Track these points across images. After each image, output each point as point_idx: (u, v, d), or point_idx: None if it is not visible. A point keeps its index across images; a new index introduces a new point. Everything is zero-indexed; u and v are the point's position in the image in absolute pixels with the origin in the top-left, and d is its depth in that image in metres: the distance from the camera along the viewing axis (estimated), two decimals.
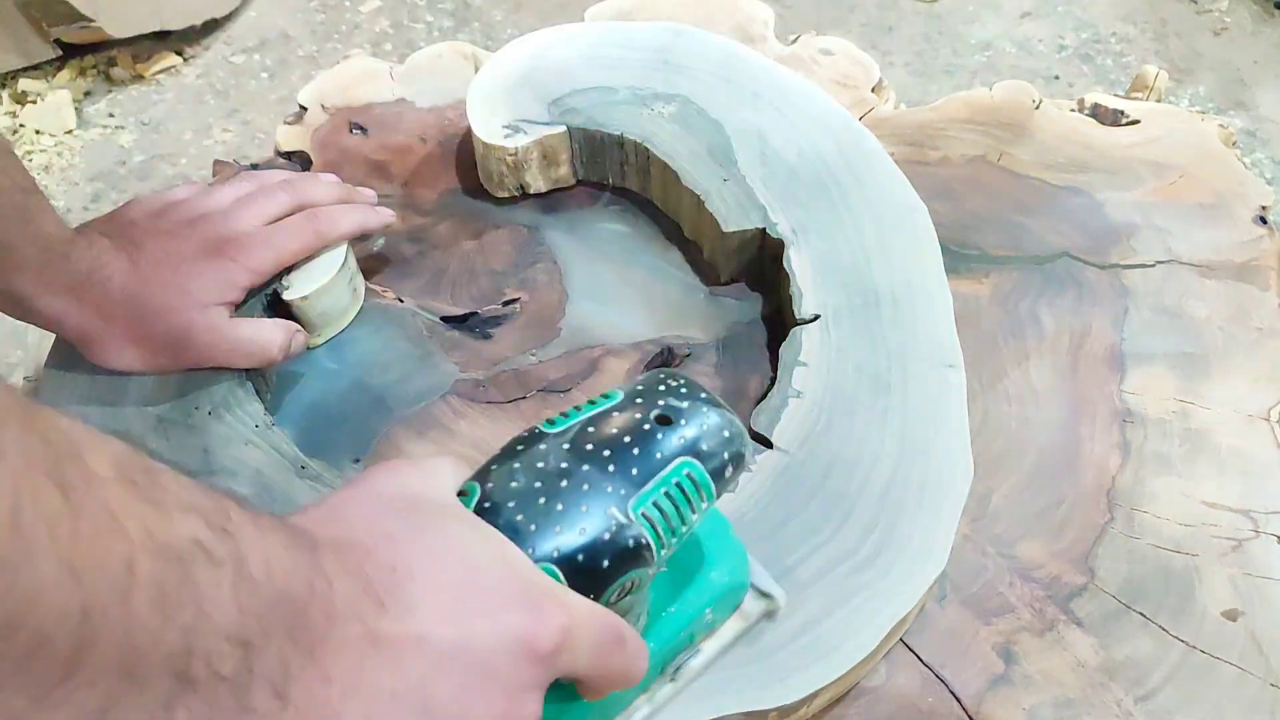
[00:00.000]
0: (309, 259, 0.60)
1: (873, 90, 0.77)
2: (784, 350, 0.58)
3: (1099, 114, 0.76)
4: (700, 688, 0.46)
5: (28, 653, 0.21)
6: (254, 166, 0.74)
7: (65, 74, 1.71)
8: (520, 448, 0.37)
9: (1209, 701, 0.48)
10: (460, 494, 0.36)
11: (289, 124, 0.76)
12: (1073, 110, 0.76)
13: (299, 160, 0.74)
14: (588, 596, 0.35)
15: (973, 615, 0.51)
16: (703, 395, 0.39)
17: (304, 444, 0.58)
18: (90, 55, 1.74)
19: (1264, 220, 0.68)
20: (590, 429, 0.37)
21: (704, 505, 0.38)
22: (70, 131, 1.65)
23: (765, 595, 0.47)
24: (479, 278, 0.67)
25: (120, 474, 0.24)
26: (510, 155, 0.68)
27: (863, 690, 0.49)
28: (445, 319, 0.64)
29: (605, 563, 0.35)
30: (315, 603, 0.28)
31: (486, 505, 0.35)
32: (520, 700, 0.32)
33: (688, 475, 0.37)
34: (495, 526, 0.34)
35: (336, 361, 0.62)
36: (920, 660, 0.50)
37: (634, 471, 0.36)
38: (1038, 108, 0.75)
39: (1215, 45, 1.74)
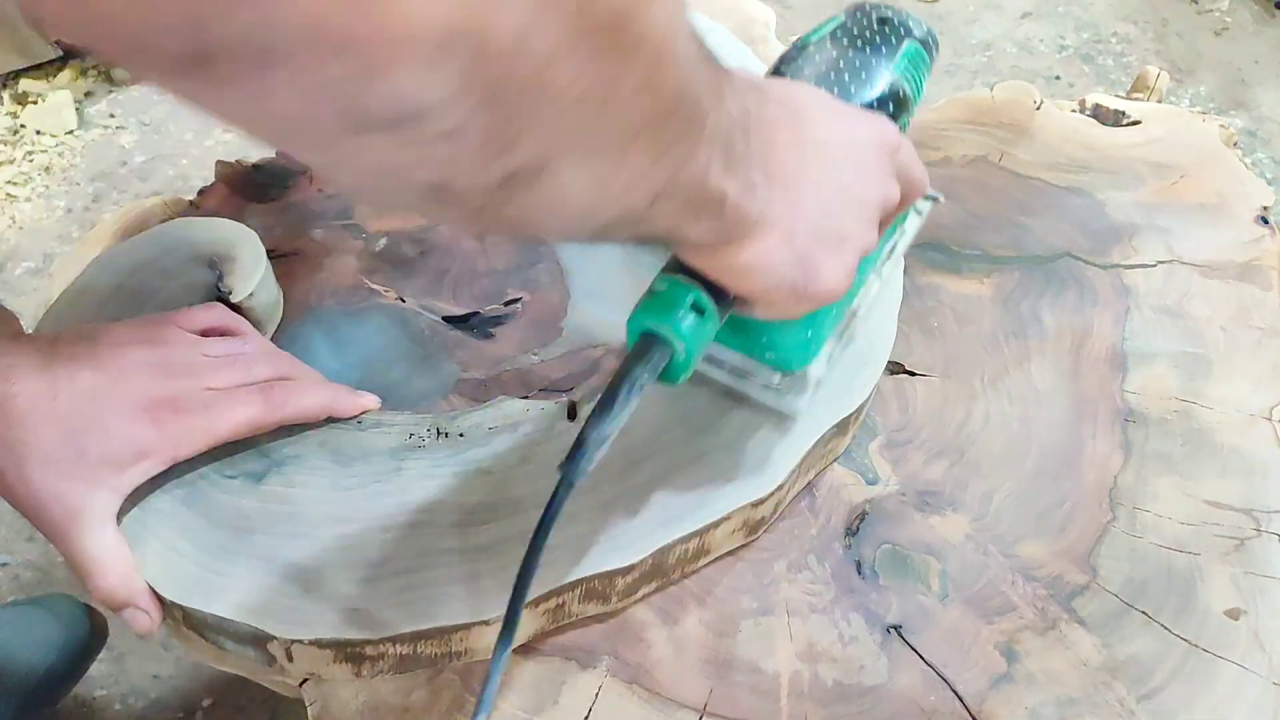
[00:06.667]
0: (234, 261, 0.60)
1: None
2: None
3: (1100, 114, 0.76)
4: (561, 557, 0.49)
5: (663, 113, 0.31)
6: (256, 167, 0.74)
7: (66, 74, 1.71)
8: (798, 57, 0.50)
9: (1211, 700, 0.48)
10: None
11: None
12: (1074, 110, 0.77)
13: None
14: None
15: (975, 614, 0.51)
16: (901, 10, 0.52)
17: None
18: (91, 56, 1.74)
19: (1265, 220, 0.68)
20: (842, 32, 0.50)
21: (926, 76, 0.52)
22: (71, 132, 1.65)
23: (930, 198, 0.61)
24: (481, 278, 0.67)
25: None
26: None
27: (864, 689, 0.49)
28: (447, 319, 0.65)
29: (890, 107, 0.49)
30: (765, 111, 0.40)
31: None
32: (888, 183, 0.45)
33: (915, 50, 0.51)
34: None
35: (339, 361, 0.62)
36: (922, 659, 0.50)
37: (883, 49, 0.50)
38: (1039, 108, 0.75)
39: (1216, 45, 1.74)
